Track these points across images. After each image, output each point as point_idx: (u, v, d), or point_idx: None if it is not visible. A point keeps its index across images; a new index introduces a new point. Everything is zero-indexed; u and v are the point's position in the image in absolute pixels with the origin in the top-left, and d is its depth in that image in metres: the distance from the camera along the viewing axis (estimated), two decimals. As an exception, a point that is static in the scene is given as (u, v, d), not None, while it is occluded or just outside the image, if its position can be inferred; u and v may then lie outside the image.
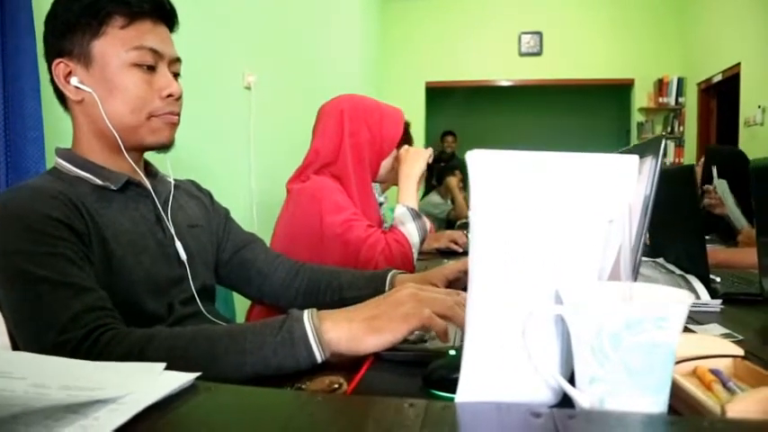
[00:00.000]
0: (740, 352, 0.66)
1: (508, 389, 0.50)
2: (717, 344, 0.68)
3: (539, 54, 6.88)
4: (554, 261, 0.53)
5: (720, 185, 2.26)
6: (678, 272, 1.25)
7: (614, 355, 0.47)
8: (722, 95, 5.77)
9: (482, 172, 0.45)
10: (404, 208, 1.44)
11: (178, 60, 1.00)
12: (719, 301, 1.07)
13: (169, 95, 0.96)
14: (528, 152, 0.50)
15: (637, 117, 6.71)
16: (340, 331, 0.69)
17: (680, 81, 6.41)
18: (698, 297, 1.10)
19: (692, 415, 0.51)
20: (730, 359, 0.66)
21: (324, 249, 1.28)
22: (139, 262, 0.92)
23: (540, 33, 6.86)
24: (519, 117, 8.05)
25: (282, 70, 3.59)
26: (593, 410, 0.47)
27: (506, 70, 6.97)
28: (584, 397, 0.49)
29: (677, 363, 0.62)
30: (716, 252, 1.77)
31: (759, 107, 4.70)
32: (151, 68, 0.94)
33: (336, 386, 0.57)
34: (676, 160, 6.45)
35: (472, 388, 0.47)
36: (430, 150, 1.59)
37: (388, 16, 6.88)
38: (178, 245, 0.99)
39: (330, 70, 4.65)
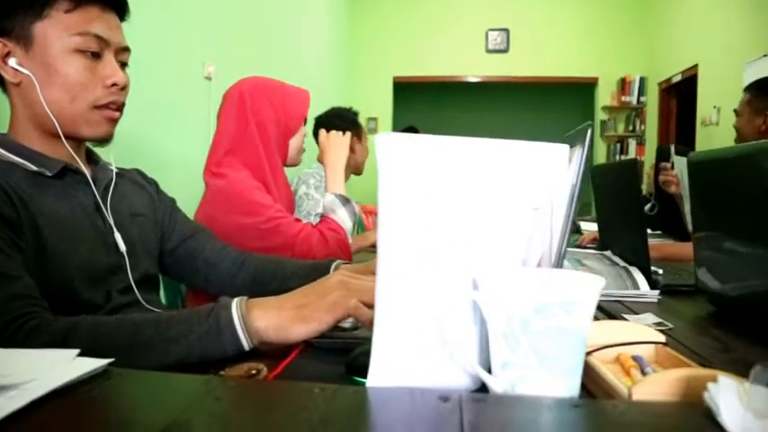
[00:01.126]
0: (662, 339, 0.67)
1: (425, 374, 0.50)
2: (641, 331, 0.69)
3: (505, 51, 6.94)
4: (474, 247, 0.53)
5: (679, 163, 2.14)
6: (622, 264, 1.28)
7: (524, 340, 0.47)
8: (682, 95, 5.92)
9: (390, 156, 0.45)
10: (332, 195, 1.44)
11: (126, 50, 0.98)
12: (657, 291, 1.10)
13: (113, 85, 0.93)
14: (446, 138, 0.50)
15: (600, 115, 6.84)
16: (268, 320, 0.68)
17: (642, 80, 6.55)
18: (637, 288, 1.13)
19: (604, 398, 0.53)
20: (653, 346, 0.68)
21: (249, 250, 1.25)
22: (75, 250, 0.89)
23: (507, 30, 6.92)
24: (486, 113, 8.13)
25: (244, 61, 3.54)
26: (502, 395, 0.47)
27: (474, 66, 7.02)
28: (496, 382, 0.49)
29: (600, 349, 0.64)
30: (665, 246, 1.81)
31: (714, 107, 4.83)
32: (96, 56, 0.92)
33: (255, 372, 0.57)
34: (638, 158, 6.60)
35: (383, 373, 0.47)
36: (348, 135, 1.59)
37: (356, 10, 6.86)
38: (116, 234, 0.97)
39: (296, 63, 4.62)
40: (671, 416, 0.43)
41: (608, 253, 1.44)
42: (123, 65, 0.98)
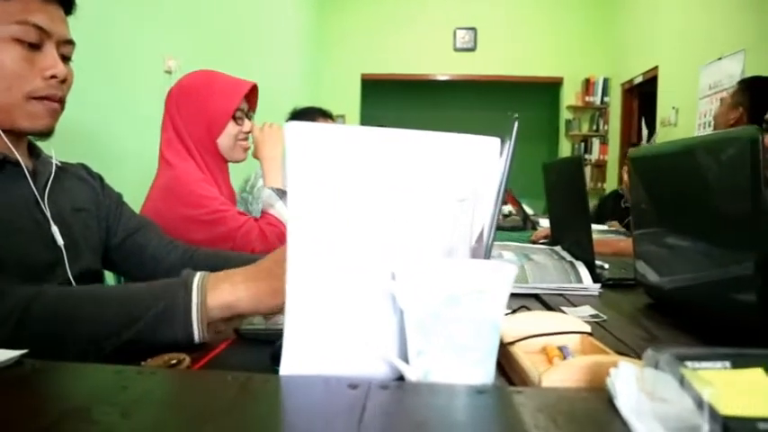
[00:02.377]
0: (587, 329, 0.69)
1: (343, 364, 0.50)
2: (568, 322, 0.71)
3: (473, 50, 7.00)
4: (395, 238, 0.54)
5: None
6: (569, 258, 1.31)
7: (437, 329, 0.48)
8: (643, 96, 6.05)
9: (300, 145, 0.45)
10: (269, 190, 1.43)
11: (70, 43, 0.96)
12: (599, 285, 1.12)
13: (53, 77, 0.91)
14: (366, 128, 0.51)
15: (565, 114, 6.95)
16: (240, 292, 0.69)
17: (605, 81, 6.68)
18: (581, 281, 1.15)
19: (520, 386, 0.54)
20: (579, 336, 0.69)
21: (193, 242, 1.24)
22: (12, 243, 0.88)
23: (474, 29, 6.98)
24: (454, 111, 8.16)
25: (207, 55, 3.50)
26: (410, 382, 0.48)
27: (442, 65, 7.07)
28: (410, 370, 0.50)
29: (524, 339, 0.65)
30: (616, 241, 1.85)
31: (673, 108, 4.96)
32: (35, 47, 0.90)
33: (175, 362, 0.56)
34: (601, 157, 6.73)
35: (296, 361, 0.47)
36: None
37: (324, 7, 6.83)
38: (54, 229, 0.95)
39: (261, 58, 4.58)
40: (573, 400, 0.44)
41: (557, 248, 1.47)
42: (66, 58, 0.96)
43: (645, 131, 2.16)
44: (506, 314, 0.75)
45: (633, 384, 0.42)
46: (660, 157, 0.97)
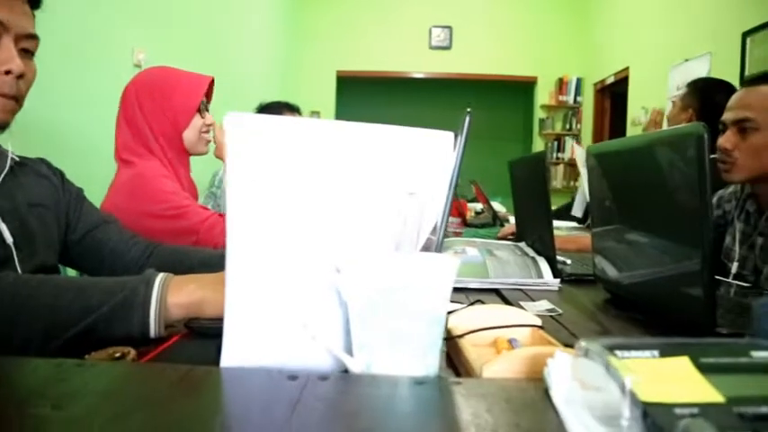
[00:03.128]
0: (538, 323, 0.70)
1: (286, 356, 0.50)
2: (519, 316, 0.72)
3: (448, 48, 7.03)
4: (343, 231, 0.54)
5: None
6: (532, 254, 1.32)
7: (378, 321, 0.48)
8: (615, 96, 6.14)
9: (240, 137, 0.45)
10: None
11: (33, 38, 0.93)
12: (558, 280, 1.14)
13: (7, 72, 0.89)
14: (312, 120, 0.51)
15: (539, 113, 7.02)
16: (205, 293, 0.69)
17: (578, 81, 6.77)
18: (542, 277, 1.16)
19: (467, 377, 0.54)
20: (529, 329, 0.70)
21: (155, 238, 1.23)
22: None
23: (450, 28, 7.01)
24: (430, 109, 8.17)
25: (177, 48, 3.46)
26: (353, 374, 0.48)
27: (417, 63, 7.08)
28: (353, 362, 0.50)
29: (474, 332, 0.66)
30: (581, 238, 1.88)
31: (643, 108, 5.04)
32: None
33: (119, 355, 0.56)
34: (574, 156, 6.80)
35: (237, 354, 0.47)
36: None
37: (299, 2, 6.79)
38: (2, 225, 0.93)
39: (234, 53, 4.53)
40: (510, 390, 0.44)
41: (522, 244, 1.48)
42: (28, 53, 0.93)
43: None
44: (463, 308, 0.76)
45: (567, 374, 0.43)
46: (615, 153, 0.99)
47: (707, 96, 2.24)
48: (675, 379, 0.38)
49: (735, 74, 3.55)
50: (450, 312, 0.78)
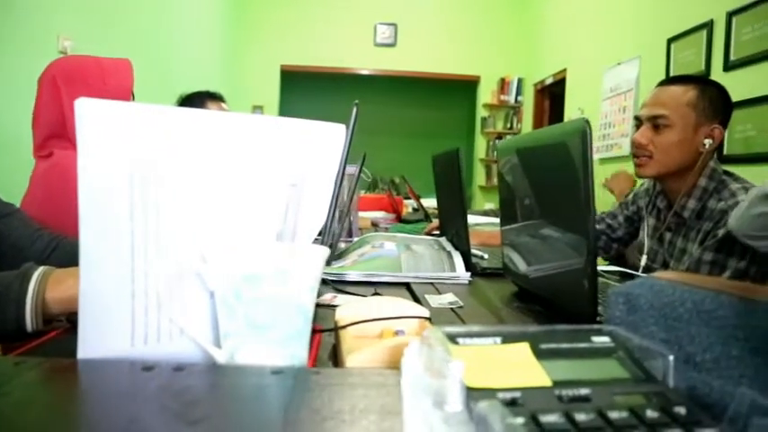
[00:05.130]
0: (426, 314, 0.71)
1: (152, 348, 0.49)
2: (409, 307, 0.72)
3: (393, 45, 7.06)
4: (213, 221, 0.53)
5: None
6: (448, 249, 1.34)
7: (240, 310, 0.47)
8: (553, 96, 6.31)
9: (91, 125, 0.43)
10: None
11: None
12: (469, 274, 1.16)
13: None
14: (172, 108, 0.50)
15: (481, 112, 7.14)
16: None
17: (519, 81, 6.92)
18: (455, 270, 1.18)
19: (342, 366, 0.54)
20: (418, 321, 0.71)
21: (73, 230, 1.19)
22: None
23: (395, 25, 7.03)
24: (376, 107, 8.19)
25: (108, 37, 3.34)
26: (213, 365, 0.48)
27: (363, 59, 7.07)
28: (218, 352, 0.49)
29: (358, 323, 0.66)
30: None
31: (579, 109, 5.20)
32: None
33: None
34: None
35: (93, 345, 0.46)
36: None
37: (242, -6, 6.67)
38: None
39: (170, 44, 4.41)
40: (366, 378, 0.44)
41: (442, 239, 1.50)
42: None
43: None
44: (352, 299, 0.76)
45: (417, 362, 0.43)
46: (518, 150, 1.01)
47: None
48: (509, 365, 0.39)
49: (661, 76, 3.68)
50: (324, 305, 0.78)
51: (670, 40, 3.71)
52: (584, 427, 0.32)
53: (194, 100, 2.21)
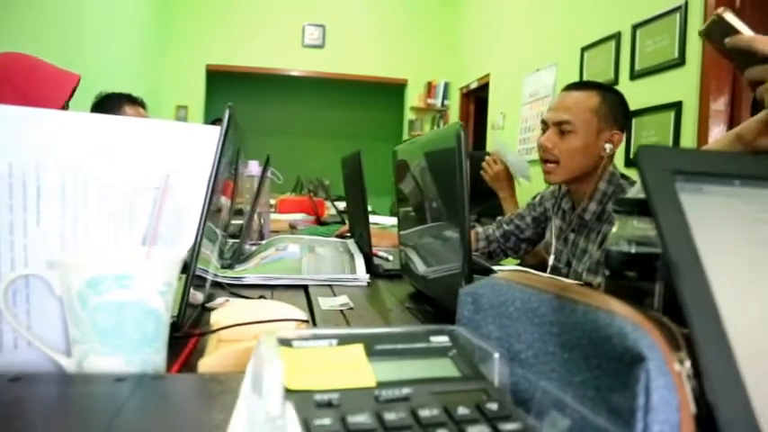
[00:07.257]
0: (303, 317, 0.71)
1: (8, 358, 0.47)
2: (286, 310, 0.72)
3: (321, 47, 7.03)
4: (63, 226, 0.51)
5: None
6: (353, 250, 1.35)
7: (84, 316, 0.46)
8: (478, 100, 6.47)
9: None
10: None
11: None
12: (368, 276, 1.17)
13: None
14: (48, 111, 0.48)
15: (409, 115, 7.23)
16: None
17: (446, 85, 7.05)
18: (354, 272, 1.19)
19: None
20: (296, 323, 0.71)
21: None
22: None
23: (323, 26, 7.01)
24: (305, 108, 8.12)
25: (16, 30, 3.15)
26: (59, 373, 0.46)
27: (291, 60, 7.01)
28: (66, 360, 0.48)
29: (231, 327, 0.65)
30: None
31: (501, 113, 5.35)
32: None
33: None
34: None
35: None
36: None
37: (166, -10, 6.46)
38: None
39: (86, 39, 4.21)
40: (210, 384, 0.44)
41: (350, 241, 1.51)
42: None
43: None
44: (243, 303, 0.75)
45: (250, 366, 0.43)
46: (410, 152, 1.03)
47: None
48: (338, 366, 0.39)
49: (574, 84, 3.87)
50: (210, 309, 0.77)
51: (583, 49, 3.89)
52: (390, 426, 0.33)
53: (112, 100, 2.12)
